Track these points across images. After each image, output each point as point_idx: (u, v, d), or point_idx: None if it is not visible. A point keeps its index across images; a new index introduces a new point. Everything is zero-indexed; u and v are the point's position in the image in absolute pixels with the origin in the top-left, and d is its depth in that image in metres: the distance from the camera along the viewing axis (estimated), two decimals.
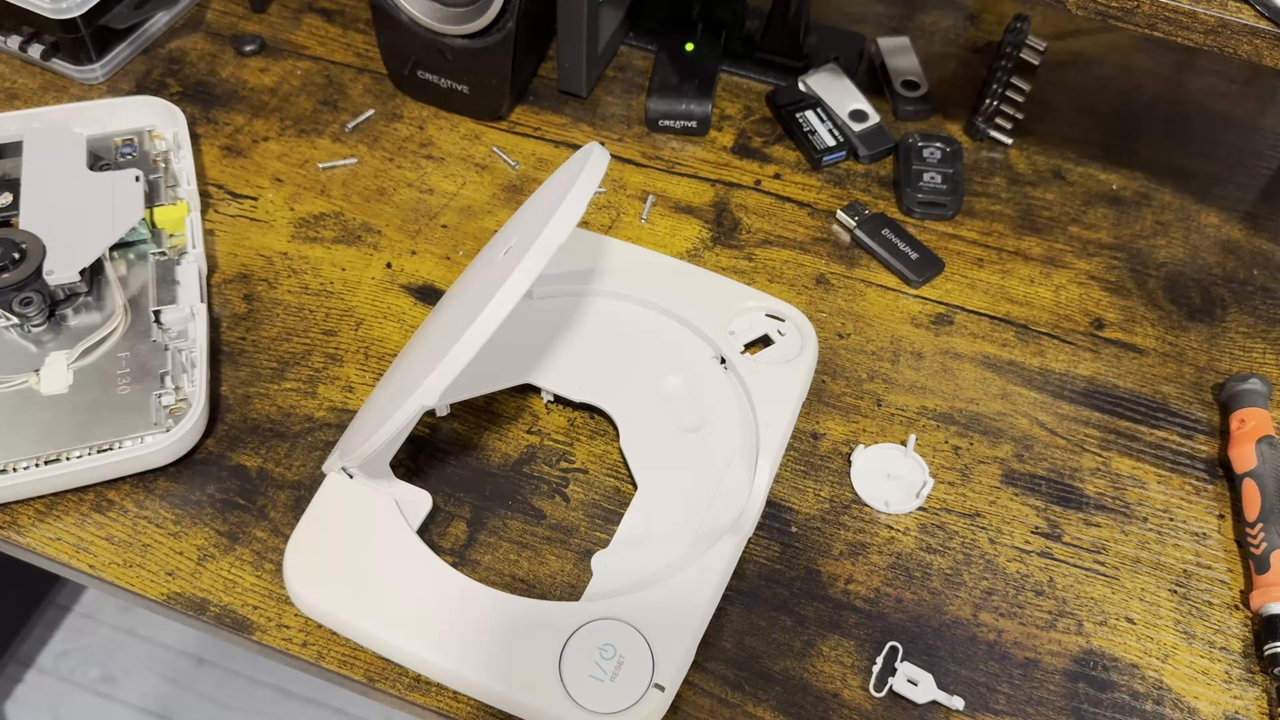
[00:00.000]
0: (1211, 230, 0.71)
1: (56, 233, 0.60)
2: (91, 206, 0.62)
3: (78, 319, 0.60)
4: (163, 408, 0.56)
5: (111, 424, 0.55)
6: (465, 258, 0.67)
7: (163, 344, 0.59)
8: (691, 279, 0.62)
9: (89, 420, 0.55)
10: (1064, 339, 0.64)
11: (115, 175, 0.64)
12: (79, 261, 0.59)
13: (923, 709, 0.50)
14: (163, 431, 0.55)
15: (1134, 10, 0.55)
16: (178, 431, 0.55)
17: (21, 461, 0.54)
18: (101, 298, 0.61)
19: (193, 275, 0.62)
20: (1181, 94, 0.79)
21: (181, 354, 0.58)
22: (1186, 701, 0.51)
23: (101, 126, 0.69)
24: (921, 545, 0.56)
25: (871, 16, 0.82)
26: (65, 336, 0.59)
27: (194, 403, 0.56)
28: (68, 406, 0.56)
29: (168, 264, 0.62)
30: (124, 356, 0.58)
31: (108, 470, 0.54)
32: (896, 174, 0.72)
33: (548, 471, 0.57)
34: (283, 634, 0.51)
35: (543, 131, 0.74)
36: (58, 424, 0.55)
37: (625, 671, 0.47)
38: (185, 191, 0.66)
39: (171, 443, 0.54)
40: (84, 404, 0.56)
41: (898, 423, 0.60)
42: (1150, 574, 0.55)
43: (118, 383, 0.57)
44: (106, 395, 0.56)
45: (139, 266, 0.62)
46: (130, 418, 0.55)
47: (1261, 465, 0.56)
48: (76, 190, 0.63)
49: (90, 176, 0.64)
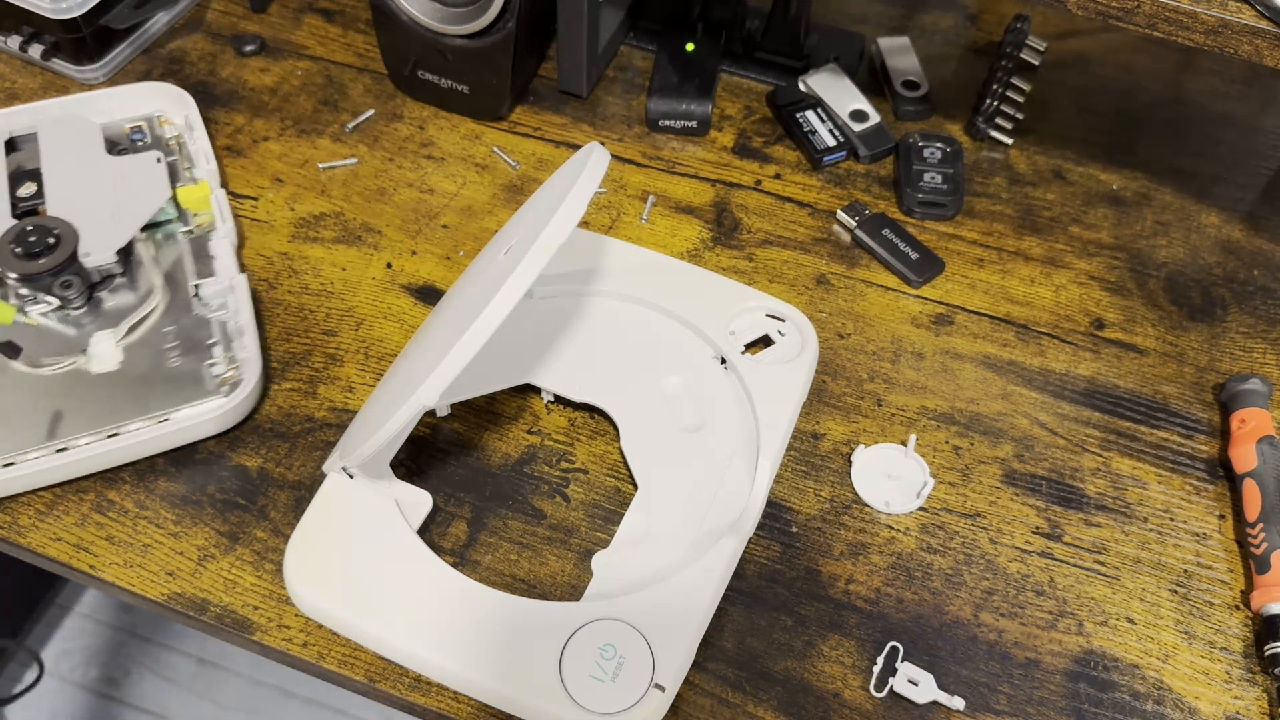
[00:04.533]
0: (1212, 230, 0.71)
1: (86, 217, 0.61)
2: (116, 190, 0.63)
3: (114, 300, 0.61)
4: (214, 377, 0.58)
5: (167, 395, 0.57)
6: (465, 258, 0.67)
7: (205, 317, 0.60)
8: (692, 279, 0.62)
9: (144, 393, 0.57)
10: (1064, 339, 0.64)
11: (135, 158, 0.66)
12: (114, 243, 0.61)
13: (923, 709, 0.50)
14: (221, 398, 0.56)
15: (1134, 10, 0.55)
16: (238, 395, 0.56)
17: (82, 438, 0.55)
18: (135, 278, 0.62)
19: (227, 248, 0.63)
20: (1182, 94, 0.79)
21: (226, 325, 0.60)
22: (1187, 701, 0.51)
23: (109, 115, 0.70)
24: (922, 545, 0.56)
25: (872, 16, 0.82)
26: (105, 318, 0.60)
27: (249, 368, 0.57)
28: (121, 382, 0.57)
29: (200, 240, 0.64)
30: (169, 331, 0.59)
31: (170, 439, 0.56)
32: (897, 174, 0.72)
33: (548, 471, 0.57)
34: (283, 634, 0.51)
35: (543, 131, 0.74)
36: (113, 399, 0.56)
37: (626, 672, 0.47)
38: (205, 170, 0.67)
39: (232, 407, 0.56)
40: (137, 378, 0.57)
41: (898, 423, 0.60)
42: (1151, 574, 0.55)
43: (167, 356, 0.58)
44: (158, 369, 0.58)
45: (169, 246, 0.63)
46: (185, 388, 0.57)
47: (1262, 465, 0.56)
48: (99, 175, 0.64)
49: (111, 161, 0.65)
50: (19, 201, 0.63)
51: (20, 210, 0.63)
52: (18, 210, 0.62)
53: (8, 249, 0.59)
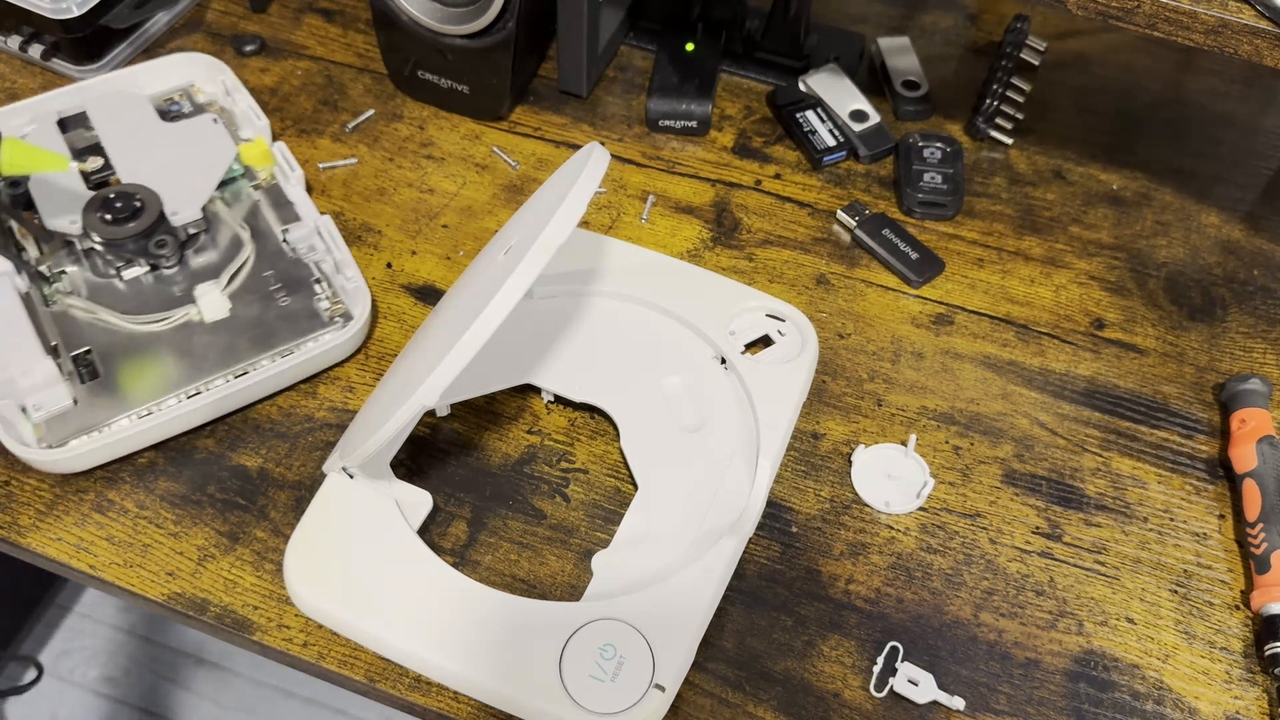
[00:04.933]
0: (1212, 230, 0.71)
1: (161, 180, 0.63)
2: (181, 153, 0.65)
3: (201, 258, 0.63)
4: (324, 310, 0.60)
5: (286, 332, 0.59)
6: (465, 258, 0.66)
7: (299, 259, 0.63)
8: (692, 279, 0.62)
9: (262, 334, 0.59)
10: (1064, 339, 0.64)
11: (192, 121, 0.68)
12: (197, 199, 0.63)
13: (923, 709, 0.50)
14: (339, 328, 0.60)
15: (1134, 10, 0.55)
16: (355, 324, 0.59)
17: (214, 380, 0.57)
18: (217, 235, 0.64)
19: (302, 194, 0.65)
20: (1181, 94, 0.79)
21: (321, 263, 0.62)
22: (1187, 701, 0.51)
23: (144, 89, 0.71)
24: (922, 545, 0.56)
25: (871, 16, 0.82)
26: (197, 274, 0.62)
27: (359, 297, 0.60)
28: (237, 326, 0.60)
29: (274, 190, 0.66)
30: (269, 275, 0.62)
31: (297, 371, 0.58)
32: (897, 174, 0.72)
33: (548, 471, 0.57)
34: (283, 634, 0.51)
35: (543, 131, 0.74)
36: (233, 343, 0.59)
37: (626, 672, 0.47)
38: (258, 127, 0.68)
39: (350, 335, 0.59)
40: (251, 321, 0.60)
41: (898, 423, 0.60)
42: (1151, 574, 0.55)
43: (276, 298, 0.61)
44: (269, 310, 0.60)
45: (239, 202, 0.66)
46: (301, 323, 0.60)
47: (1262, 465, 0.56)
48: (162, 141, 0.66)
49: (169, 128, 0.67)
50: (89, 175, 0.64)
51: (93, 183, 0.64)
52: (90, 183, 0.64)
53: (95, 218, 0.60)
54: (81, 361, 0.58)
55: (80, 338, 0.59)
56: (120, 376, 0.57)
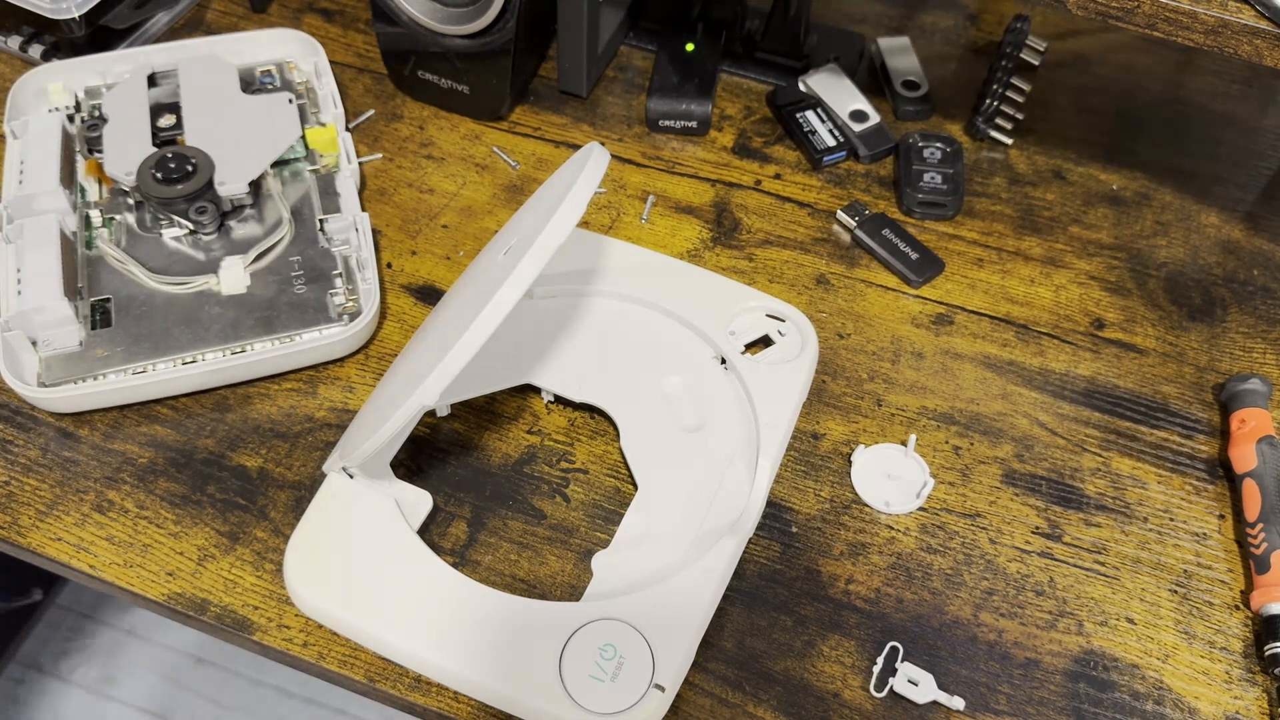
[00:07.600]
0: (1212, 230, 0.71)
1: (221, 149, 0.64)
2: (250, 126, 0.67)
3: (242, 230, 0.64)
4: (336, 306, 0.61)
5: (292, 319, 0.60)
6: (465, 258, 0.67)
7: (330, 250, 0.63)
8: (692, 279, 0.62)
9: (270, 316, 0.60)
10: (1064, 339, 0.64)
11: (269, 97, 0.69)
12: (247, 174, 0.64)
13: (923, 709, 0.50)
14: (342, 325, 0.60)
15: (1134, 10, 0.55)
16: (358, 323, 0.59)
17: (210, 352, 0.58)
18: (262, 211, 0.65)
19: (351, 188, 0.66)
20: (1181, 94, 0.79)
21: (349, 259, 0.63)
22: (1187, 702, 0.51)
23: (243, 58, 0.73)
24: (922, 545, 0.56)
25: (871, 16, 0.82)
26: (233, 245, 0.63)
27: (369, 299, 0.60)
28: (249, 304, 0.60)
29: (326, 178, 0.67)
30: (295, 260, 0.63)
31: (292, 360, 0.59)
32: (897, 174, 0.72)
33: (548, 471, 0.57)
34: (283, 634, 0.51)
35: (543, 131, 0.74)
36: (240, 320, 0.60)
37: (625, 672, 0.47)
38: (333, 114, 0.70)
39: (353, 334, 0.59)
40: (263, 302, 0.61)
41: (898, 423, 0.60)
42: (1150, 574, 0.55)
43: (293, 284, 0.62)
44: (284, 294, 0.61)
45: (295, 183, 0.67)
46: (309, 314, 0.60)
47: (1262, 465, 0.56)
48: (234, 111, 0.68)
49: (246, 99, 0.69)
50: (159, 131, 0.66)
51: (160, 140, 0.66)
52: (158, 139, 0.66)
53: (148, 174, 0.62)
54: (99, 308, 0.60)
55: (105, 285, 0.61)
56: (128, 330, 0.59)
